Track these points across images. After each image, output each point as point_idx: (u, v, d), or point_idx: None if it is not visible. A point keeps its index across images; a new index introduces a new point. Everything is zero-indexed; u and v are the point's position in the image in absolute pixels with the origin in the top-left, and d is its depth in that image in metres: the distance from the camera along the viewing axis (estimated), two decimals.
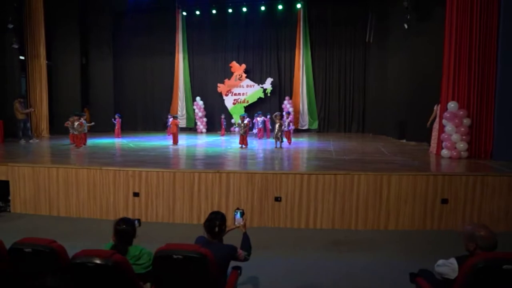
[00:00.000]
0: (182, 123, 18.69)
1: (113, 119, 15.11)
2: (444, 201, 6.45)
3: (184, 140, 13.75)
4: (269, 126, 14.66)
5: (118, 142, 13.11)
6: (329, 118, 17.65)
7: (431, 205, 6.47)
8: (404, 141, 12.80)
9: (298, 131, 17.51)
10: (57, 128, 16.63)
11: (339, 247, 5.81)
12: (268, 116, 14.45)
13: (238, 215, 3.73)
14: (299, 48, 17.40)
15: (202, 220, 6.53)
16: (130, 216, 6.93)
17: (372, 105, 16.36)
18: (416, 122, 12.23)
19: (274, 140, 10.80)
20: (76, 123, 10.57)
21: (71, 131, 10.68)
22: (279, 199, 6.61)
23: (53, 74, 16.63)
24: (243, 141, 10.72)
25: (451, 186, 6.46)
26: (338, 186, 6.54)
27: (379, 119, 15.76)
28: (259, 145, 11.82)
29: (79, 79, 16.93)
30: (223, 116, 16.10)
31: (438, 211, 6.47)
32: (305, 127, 17.59)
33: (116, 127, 14.71)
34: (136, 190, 7.01)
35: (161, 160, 8.69)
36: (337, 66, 17.45)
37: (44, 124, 15.42)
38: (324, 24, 17.38)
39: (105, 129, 17.01)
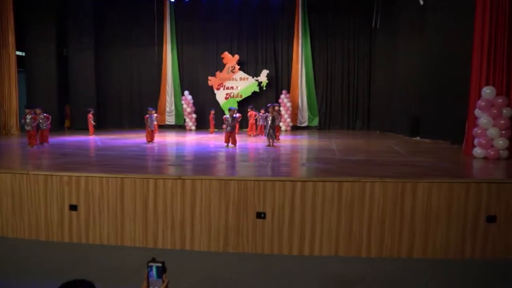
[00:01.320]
0: (171, 120, 16.87)
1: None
2: (491, 219, 4.58)
3: (164, 138, 11.91)
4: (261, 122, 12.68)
5: (87, 140, 11.24)
6: (331, 114, 15.74)
7: (473, 224, 4.60)
8: (418, 138, 10.91)
9: (296, 128, 15.64)
10: None
11: (345, 285, 3.95)
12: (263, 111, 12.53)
13: (153, 272, 1.85)
14: (298, 37, 15.51)
15: (160, 243, 4.69)
16: (67, 236, 5.25)
17: (379, 99, 14.46)
18: (432, 117, 10.35)
19: (267, 137, 8.93)
20: (28, 117, 8.74)
21: (26, 127, 8.85)
22: (262, 215, 4.75)
23: (26, 66, 14.86)
24: (230, 138, 8.85)
25: (501, 198, 4.59)
26: (344, 197, 4.68)
27: (386, 114, 13.87)
28: (249, 143, 9.96)
29: (56, 71, 15.09)
30: (212, 111, 14.19)
31: (482, 233, 4.59)
32: (304, 124, 15.71)
33: (89, 124, 12.86)
34: (74, 202, 5.17)
35: (116, 161, 6.83)
36: (340, 57, 15.54)
37: (13, 121, 13.61)
38: (324, 10, 15.46)
39: (87, 127, 15.22)
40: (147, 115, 10.07)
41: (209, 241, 4.87)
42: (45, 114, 9.32)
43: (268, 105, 9.01)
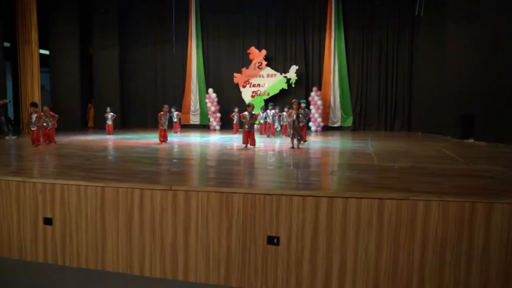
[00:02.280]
0: (195, 119, 15.99)
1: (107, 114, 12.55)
2: None
3: (181, 138, 10.95)
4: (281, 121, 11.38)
5: (101, 140, 10.48)
6: (366, 113, 14.20)
7: None
8: (471, 140, 9.24)
9: (328, 129, 14.25)
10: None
11: None
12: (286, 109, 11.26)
13: None
14: (330, 30, 14.11)
15: (148, 271, 3.66)
16: (41, 256, 3.99)
17: (422, 96, 12.78)
18: (489, 116, 8.71)
19: (290, 138, 7.68)
20: (33, 116, 8.05)
21: (31, 127, 8.17)
22: (275, 240, 3.56)
23: (50, 64, 14.52)
24: (249, 139, 7.70)
25: None
26: (386, 220, 3.39)
27: (430, 114, 12.21)
28: (270, 144, 8.78)
29: (79, 70, 14.62)
30: (236, 110, 13.07)
31: None
32: (337, 124, 14.27)
33: (108, 123, 12.18)
34: (48, 215, 4.22)
35: (108, 165, 5.87)
36: (377, 51, 13.97)
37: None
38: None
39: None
40: (161, 112, 9.14)
41: (207, 271, 3.74)
42: (51, 113, 8.63)
43: (293, 100, 7.75)
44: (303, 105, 8.33)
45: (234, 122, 12.84)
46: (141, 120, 16.62)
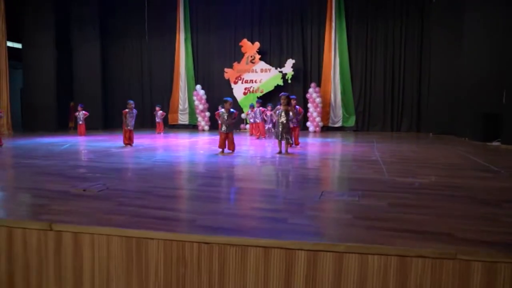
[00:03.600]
0: (184, 119, 14.47)
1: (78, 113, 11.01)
2: None
3: (155, 140, 9.44)
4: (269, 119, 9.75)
5: (62, 143, 8.98)
6: (371, 112, 12.60)
7: None
8: (497, 143, 7.65)
9: (328, 129, 12.69)
10: (30, 123, 13.11)
11: None
12: (269, 107, 9.66)
13: None
14: (331, 20, 12.55)
15: None
16: None
17: (433, 93, 11.18)
18: None
19: (278, 140, 6.12)
20: None
21: None
22: None
23: (22, 58, 13.08)
24: (227, 142, 6.17)
25: None
26: None
27: (443, 112, 10.61)
28: (255, 148, 7.25)
29: (54, 65, 13.14)
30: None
31: None
32: (338, 124, 12.69)
33: (79, 123, 10.68)
34: None
35: (14, 178, 4.34)
36: (382, 43, 12.37)
37: (4, 119, 11.79)
38: None
39: (91, 126, 13.25)
40: (126, 110, 7.65)
41: None
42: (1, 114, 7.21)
43: (281, 94, 6.18)
44: (294, 101, 6.79)
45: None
46: None
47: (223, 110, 6.28)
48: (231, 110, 6.25)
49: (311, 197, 3.12)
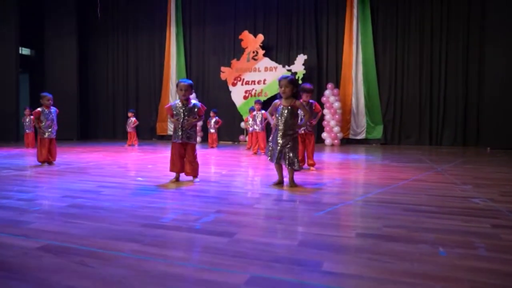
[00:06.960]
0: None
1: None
2: None
3: (103, 156, 6.86)
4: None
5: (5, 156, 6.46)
6: (402, 121, 9.82)
7: None
8: None
9: (349, 142, 9.96)
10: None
11: None
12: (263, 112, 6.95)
13: None
14: (352, 8, 9.96)
15: None
16: None
17: (487, 97, 8.39)
18: None
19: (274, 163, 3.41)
20: None
21: None
22: None
23: None
24: (187, 165, 3.54)
25: None
26: None
27: (503, 121, 7.84)
28: (240, 174, 4.59)
29: (15, 64, 10.83)
30: (213, 115, 8.76)
31: None
32: (361, 136, 9.94)
33: (26, 131, 8.20)
34: None
35: None
36: (416, 36, 9.67)
37: None
38: None
39: (67, 137, 10.96)
40: (39, 109, 5.06)
41: None
42: None
43: (280, 77, 3.42)
44: (305, 96, 4.12)
45: (211, 131, 8.73)
46: (109, 129, 12.77)
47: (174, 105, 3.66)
48: (194, 102, 3.62)
49: None
